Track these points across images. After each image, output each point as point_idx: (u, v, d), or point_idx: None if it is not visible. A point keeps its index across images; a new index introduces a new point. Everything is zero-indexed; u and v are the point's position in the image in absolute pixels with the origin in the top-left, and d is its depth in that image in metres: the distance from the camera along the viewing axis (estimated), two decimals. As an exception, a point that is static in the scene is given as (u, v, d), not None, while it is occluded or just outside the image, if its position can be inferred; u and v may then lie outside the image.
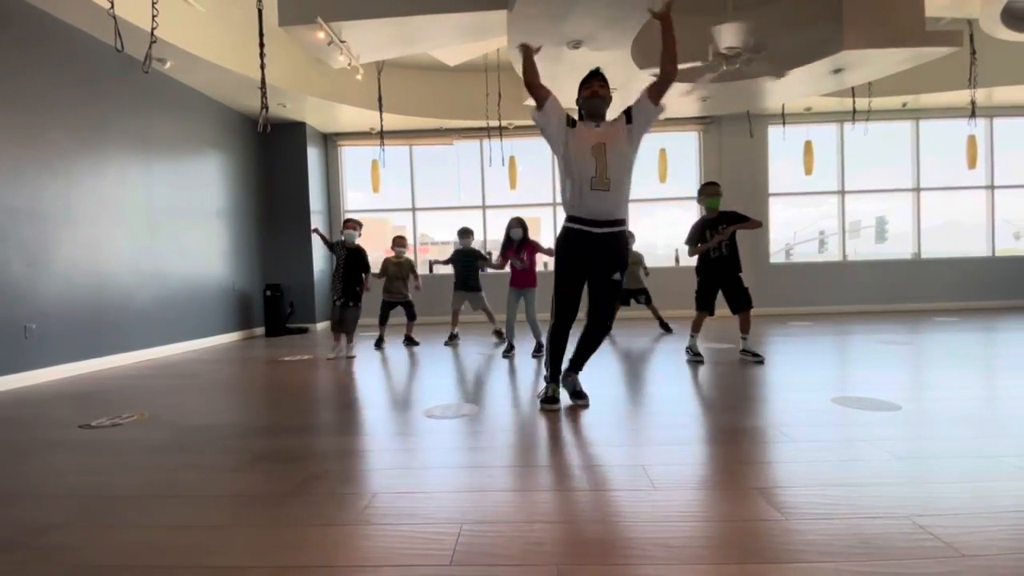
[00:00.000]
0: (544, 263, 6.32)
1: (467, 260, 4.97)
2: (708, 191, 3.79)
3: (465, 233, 5.04)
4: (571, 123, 2.49)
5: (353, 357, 4.39)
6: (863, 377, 3.11)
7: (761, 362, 3.62)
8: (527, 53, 2.53)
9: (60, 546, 1.35)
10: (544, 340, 2.75)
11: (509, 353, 4.29)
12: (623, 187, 2.47)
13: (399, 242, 5.09)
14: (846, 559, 1.17)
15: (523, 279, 4.31)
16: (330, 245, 4.66)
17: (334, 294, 4.49)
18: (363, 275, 4.50)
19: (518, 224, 4.26)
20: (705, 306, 3.79)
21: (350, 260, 4.45)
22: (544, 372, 2.74)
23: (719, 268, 3.73)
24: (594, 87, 2.47)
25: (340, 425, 2.42)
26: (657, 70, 2.41)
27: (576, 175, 2.43)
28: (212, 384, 3.49)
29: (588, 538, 1.30)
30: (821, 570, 1.13)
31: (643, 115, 2.46)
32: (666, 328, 5.55)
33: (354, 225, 4.53)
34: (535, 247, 4.33)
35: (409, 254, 6.01)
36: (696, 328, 3.85)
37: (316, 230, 4.78)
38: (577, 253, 2.51)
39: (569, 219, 2.53)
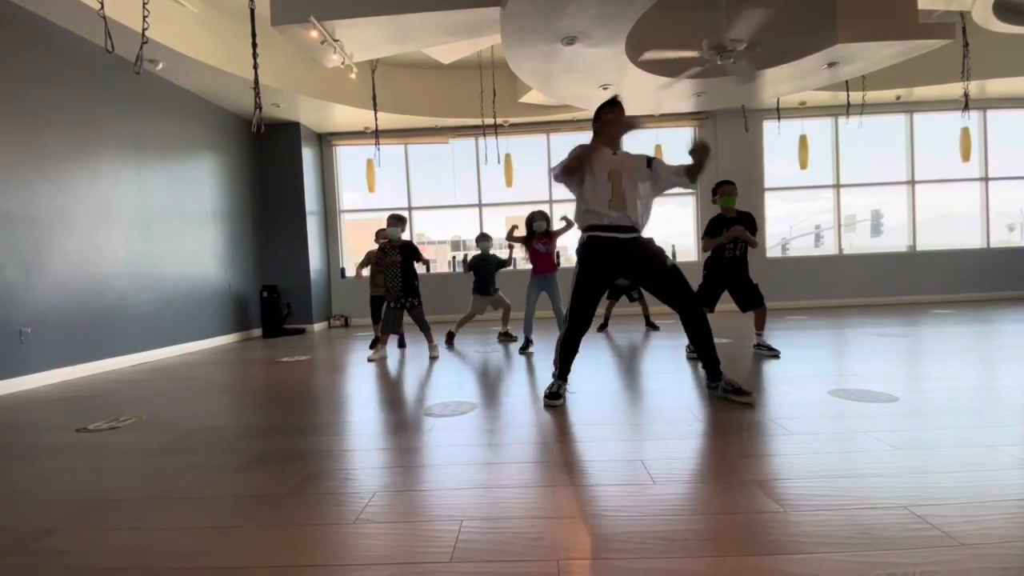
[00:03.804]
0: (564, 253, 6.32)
1: (485, 265, 5.04)
2: (723, 190, 3.64)
3: (483, 238, 5.15)
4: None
5: (436, 358, 4.17)
6: (860, 369, 3.12)
7: (777, 356, 3.57)
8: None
9: (58, 550, 1.34)
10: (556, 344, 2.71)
11: (526, 350, 4.26)
12: (637, 209, 2.53)
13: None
14: (845, 550, 1.18)
15: (545, 264, 4.35)
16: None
17: (388, 298, 4.25)
18: (418, 263, 4.26)
19: (542, 217, 4.43)
20: (707, 301, 3.72)
21: (404, 256, 4.19)
22: (552, 369, 2.72)
23: (731, 269, 3.67)
24: (615, 113, 2.57)
25: (339, 424, 2.42)
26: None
27: (595, 195, 2.51)
28: (210, 386, 3.48)
29: (588, 533, 1.30)
30: (820, 561, 1.14)
31: (669, 179, 2.56)
32: (652, 326, 5.52)
33: (397, 221, 4.29)
34: (557, 234, 4.46)
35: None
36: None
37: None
38: (602, 259, 2.53)
39: (592, 228, 2.55)
